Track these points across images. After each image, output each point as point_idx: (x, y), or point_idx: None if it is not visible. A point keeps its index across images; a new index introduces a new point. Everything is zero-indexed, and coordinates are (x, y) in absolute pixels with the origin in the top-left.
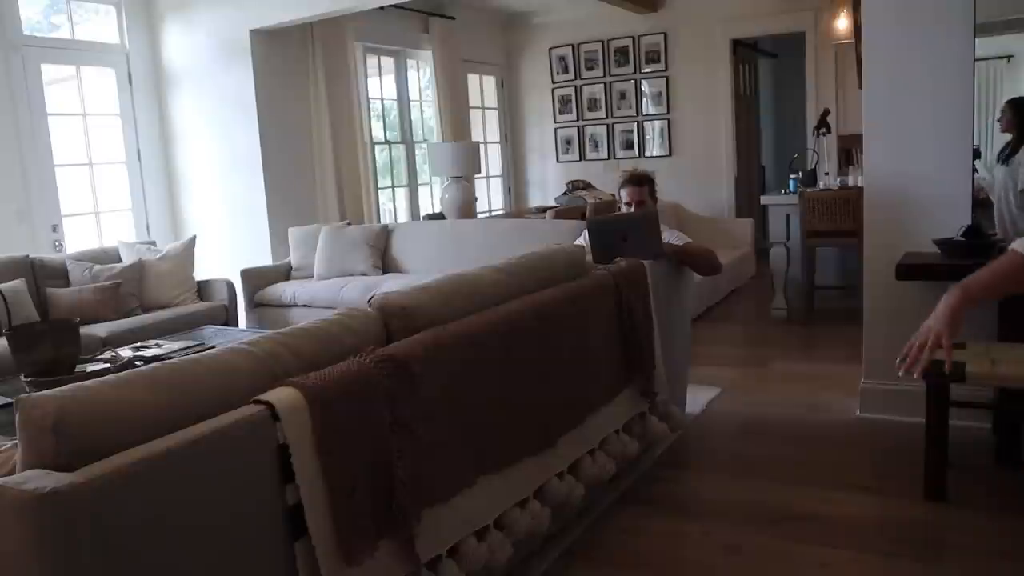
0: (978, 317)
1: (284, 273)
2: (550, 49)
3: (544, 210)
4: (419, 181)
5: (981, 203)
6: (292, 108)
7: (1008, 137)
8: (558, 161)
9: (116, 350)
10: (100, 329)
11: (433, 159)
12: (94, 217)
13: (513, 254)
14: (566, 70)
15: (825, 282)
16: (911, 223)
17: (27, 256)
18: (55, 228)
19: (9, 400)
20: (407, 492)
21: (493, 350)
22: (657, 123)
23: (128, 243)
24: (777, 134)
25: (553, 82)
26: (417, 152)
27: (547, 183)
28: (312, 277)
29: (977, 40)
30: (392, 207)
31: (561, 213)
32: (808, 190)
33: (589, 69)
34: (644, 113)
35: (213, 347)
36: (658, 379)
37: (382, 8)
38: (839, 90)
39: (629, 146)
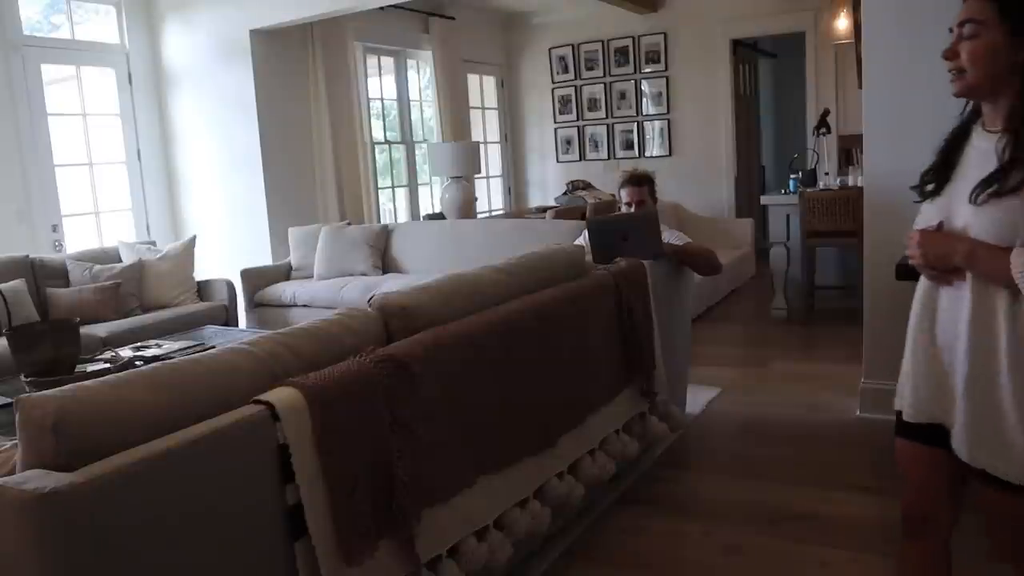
0: None
1: (284, 273)
2: (550, 49)
3: (544, 210)
4: (419, 181)
5: None
6: (292, 108)
7: None
8: (558, 161)
9: (116, 350)
10: (100, 329)
11: (433, 159)
12: (94, 217)
13: (513, 254)
14: (566, 70)
15: (825, 282)
16: (911, 223)
17: (27, 256)
18: (55, 228)
19: (9, 400)
20: (407, 492)
21: (493, 350)
22: (657, 123)
23: (128, 243)
24: (777, 134)
25: (553, 82)
26: (417, 152)
27: (547, 183)
28: (312, 277)
29: None
30: (392, 207)
31: (561, 213)
32: (808, 190)
33: (589, 69)
34: (644, 113)
35: (213, 347)
36: (658, 379)
37: (382, 8)
38: (839, 90)
39: (629, 146)
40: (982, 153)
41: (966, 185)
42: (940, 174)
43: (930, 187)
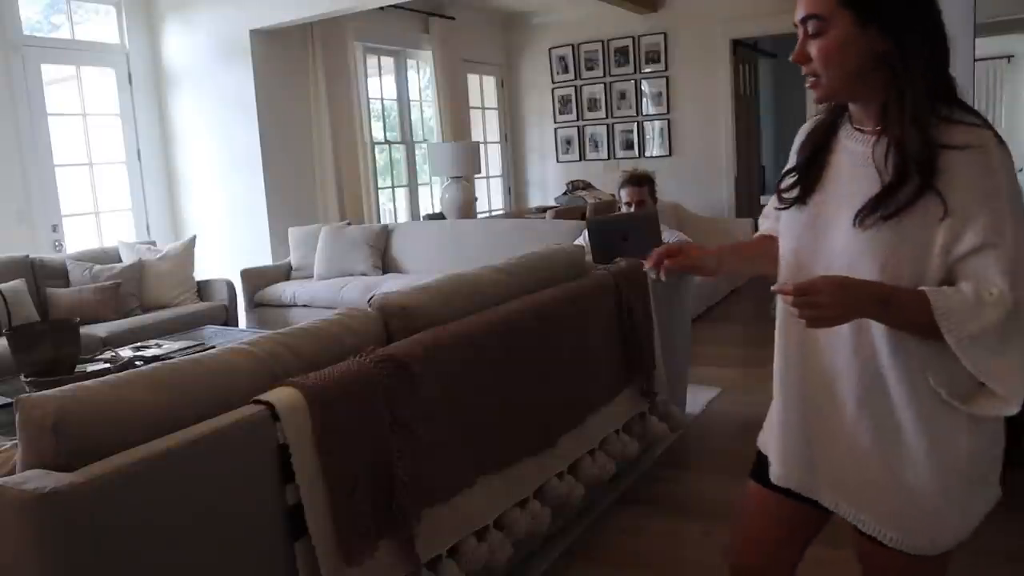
0: None
1: (284, 273)
2: (550, 49)
3: (544, 210)
4: (419, 181)
5: None
6: (292, 108)
7: None
8: (558, 161)
9: (116, 350)
10: (100, 329)
11: (433, 159)
12: (94, 217)
13: (513, 254)
14: (566, 70)
15: None
16: None
17: (27, 256)
18: (55, 228)
19: (9, 400)
20: (407, 492)
21: (493, 350)
22: (657, 123)
23: (128, 243)
24: (777, 134)
25: (553, 82)
26: (417, 152)
27: (547, 183)
28: (312, 277)
29: (977, 40)
30: (392, 207)
31: (561, 213)
32: None
33: (589, 69)
34: (644, 113)
35: (213, 347)
36: (658, 379)
37: (382, 8)
38: None
39: (629, 146)
40: (855, 157)
41: (839, 197)
42: (805, 177)
43: (794, 193)
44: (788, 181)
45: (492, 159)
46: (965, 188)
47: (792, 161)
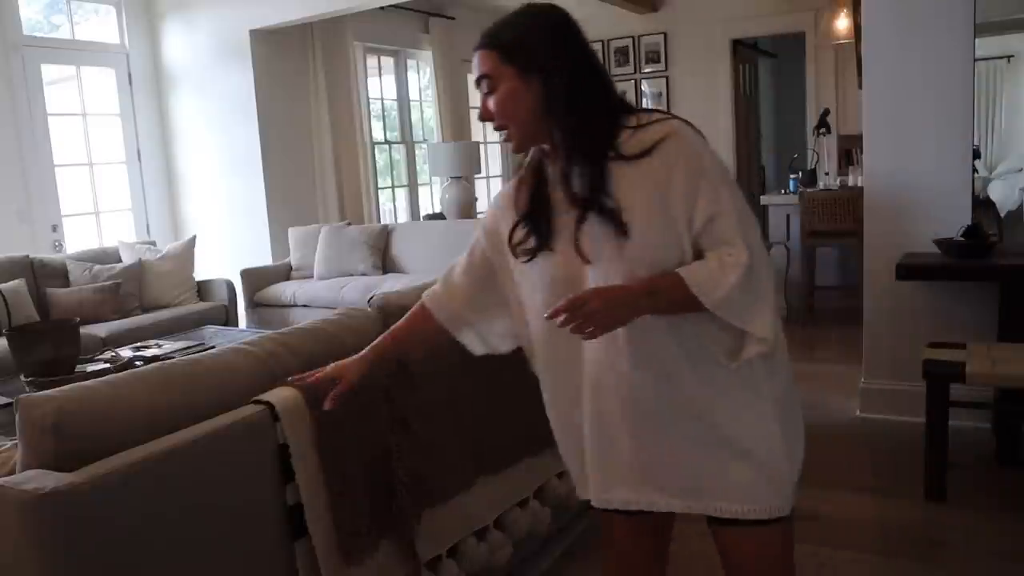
0: (978, 317)
1: (284, 273)
2: None
3: None
4: (419, 181)
5: (982, 203)
6: (292, 108)
7: None
8: None
9: (116, 350)
10: (100, 329)
11: (433, 159)
12: (94, 217)
13: None
14: None
15: (825, 282)
16: (911, 223)
17: (27, 256)
18: (55, 228)
19: (9, 400)
20: (407, 492)
21: None
22: None
23: (128, 243)
24: (777, 134)
25: None
26: (417, 152)
27: None
28: (312, 277)
29: (977, 40)
30: (392, 207)
31: None
32: (808, 190)
33: None
34: None
35: (213, 347)
36: None
37: (382, 8)
38: (839, 90)
39: None
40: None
41: (583, 233)
42: (537, 225)
43: (531, 243)
44: (520, 234)
45: (492, 159)
46: (678, 174)
47: (499, 214)
